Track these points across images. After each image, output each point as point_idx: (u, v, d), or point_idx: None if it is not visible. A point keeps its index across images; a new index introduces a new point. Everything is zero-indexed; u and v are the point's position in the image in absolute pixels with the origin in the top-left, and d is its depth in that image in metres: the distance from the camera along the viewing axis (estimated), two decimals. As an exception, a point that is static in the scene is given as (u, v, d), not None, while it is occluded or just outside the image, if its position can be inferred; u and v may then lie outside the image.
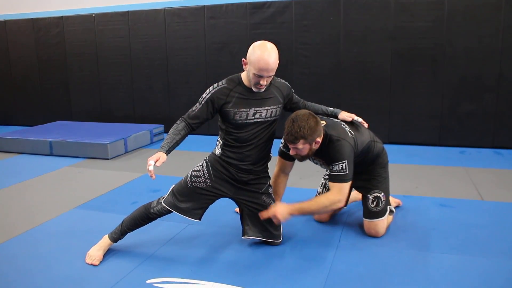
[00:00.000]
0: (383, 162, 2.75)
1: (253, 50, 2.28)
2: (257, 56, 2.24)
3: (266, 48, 2.26)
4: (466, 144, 5.12)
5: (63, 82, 6.96)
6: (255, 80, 2.30)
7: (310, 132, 2.32)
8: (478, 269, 2.30)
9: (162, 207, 2.50)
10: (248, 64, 2.32)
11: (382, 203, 2.67)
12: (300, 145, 2.37)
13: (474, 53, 4.91)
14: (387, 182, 2.74)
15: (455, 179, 3.90)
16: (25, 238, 2.85)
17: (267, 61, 2.23)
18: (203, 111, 2.40)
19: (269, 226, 2.57)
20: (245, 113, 2.38)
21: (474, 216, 3.03)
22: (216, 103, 2.38)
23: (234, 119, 2.39)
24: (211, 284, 2.22)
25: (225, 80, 2.43)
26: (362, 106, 5.39)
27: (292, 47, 5.56)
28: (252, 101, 2.39)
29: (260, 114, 2.41)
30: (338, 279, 2.25)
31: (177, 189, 2.52)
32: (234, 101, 2.37)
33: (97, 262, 2.46)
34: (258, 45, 2.29)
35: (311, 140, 2.36)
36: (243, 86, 2.40)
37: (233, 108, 2.37)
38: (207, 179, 2.50)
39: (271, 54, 2.26)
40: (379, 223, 2.68)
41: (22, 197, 3.71)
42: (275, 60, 2.28)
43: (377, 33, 5.21)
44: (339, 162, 2.40)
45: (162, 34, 6.21)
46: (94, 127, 5.91)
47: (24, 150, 5.32)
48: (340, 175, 2.40)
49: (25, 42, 7.06)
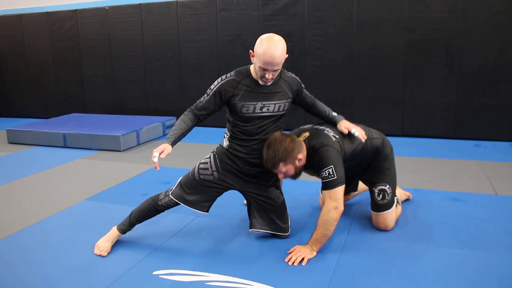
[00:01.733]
0: (385, 156, 2.67)
1: (260, 43, 2.25)
2: (263, 49, 2.20)
3: (272, 41, 2.22)
4: (482, 137, 5.02)
5: (77, 75, 7.03)
6: (260, 73, 2.27)
7: (286, 153, 2.28)
8: (489, 265, 2.25)
9: (169, 199, 2.50)
10: (254, 57, 2.29)
11: (388, 196, 2.63)
12: (283, 168, 2.34)
13: (490, 43, 4.80)
14: (392, 174, 2.69)
15: (469, 172, 3.83)
16: (36, 228, 2.89)
17: (272, 54, 2.19)
18: (211, 102, 2.39)
19: (276, 219, 2.56)
20: (253, 107, 2.36)
21: (487, 210, 2.97)
22: (223, 95, 2.36)
23: (241, 112, 2.37)
24: (217, 276, 2.22)
25: (234, 72, 2.41)
26: (375, 98, 5.33)
27: (304, 38, 5.51)
28: (260, 95, 2.36)
29: (268, 108, 2.39)
30: (345, 273, 2.23)
31: (184, 182, 2.53)
32: (242, 94, 2.35)
33: (105, 253, 2.48)
34: (265, 37, 2.25)
35: (292, 159, 2.32)
36: (251, 78, 2.37)
37: (241, 101, 2.35)
38: (215, 172, 2.49)
39: (277, 47, 2.21)
40: (387, 216, 2.65)
41: (35, 188, 3.76)
42: (281, 54, 2.23)
43: (390, 24, 5.13)
44: (325, 168, 2.34)
45: (174, 27, 6.21)
46: (107, 120, 5.96)
47: (39, 142, 5.40)
48: (329, 181, 2.33)
49: (40, 36, 7.14)
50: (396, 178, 2.73)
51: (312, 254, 2.38)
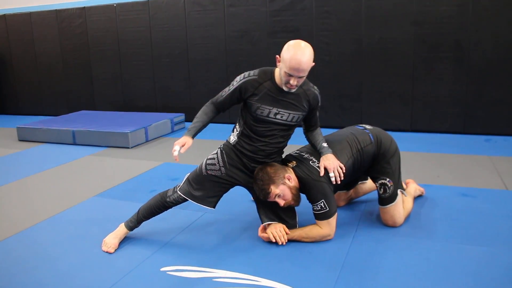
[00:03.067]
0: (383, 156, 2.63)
1: (287, 48, 2.24)
2: (290, 55, 2.20)
3: (300, 47, 2.22)
4: (492, 132, 4.97)
5: (86, 72, 7.07)
6: (285, 78, 2.27)
7: (272, 175, 2.37)
8: (499, 261, 2.23)
9: (178, 195, 2.52)
10: (281, 62, 2.27)
11: (389, 189, 2.61)
12: (276, 190, 2.38)
13: (501, 37, 4.74)
14: (391, 168, 2.64)
15: (479, 168, 3.79)
16: (46, 224, 2.92)
17: (299, 60, 2.19)
18: (232, 97, 2.44)
19: (283, 215, 2.56)
20: (267, 111, 2.37)
21: (497, 206, 2.93)
22: (243, 93, 2.39)
23: (256, 112, 2.38)
24: (224, 273, 2.22)
25: (258, 71, 2.41)
26: (384, 93, 5.30)
27: (312, 33, 5.48)
28: (278, 101, 2.37)
29: (282, 116, 2.40)
30: (353, 269, 2.22)
31: (192, 178, 2.54)
32: (261, 96, 2.36)
33: (112, 250, 2.50)
34: (292, 43, 2.25)
35: (280, 179, 2.39)
36: (274, 82, 2.37)
37: (258, 102, 2.37)
38: (222, 167, 2.50)
39: (304, 53, 2.20)
40: (392, 210, 2.63)
41: (45, 185, 3.79)
42: (308, 61, 2.22)
43: (399, 18, 5.08)
44: (318, 202, 2.43)
45: (182, 23, 6.22)
46: (115, 117, 5.99)
47: (48, 140, 5.44)
48: (322, 213, 2.44)
49: (49, 33, 7.19)
50: (399, 172, 2.68)
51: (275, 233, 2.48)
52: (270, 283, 2.12)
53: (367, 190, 3.10)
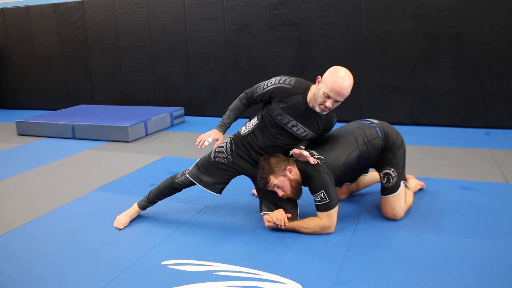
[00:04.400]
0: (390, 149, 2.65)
1: (331, 71, 2.30)
2: (334, 78, 2.25)
3: (346, 73, 2.29)
4: (492, 125, 4.96)
5: (85, 66, 7.04)
6: (322, 99, 2.29)
7: (273, 165, 2.42)
8: (499, 254, 2.23)
9: (185, 178, 2.65)
10: (321, 83, 2.31)
11: (393, 179, 2.62)
12: (275, 181, 2.42)
13: (502, 30, 4.72)
14: (397, 159, 2.66)
15: (479, 161, 3.79)
16: (46, 219, 2.91)
17: (341, 84, 2.24)
18: (264, 96, 2.50)
19: (282, 205, 2.58)
20: (287, 120, 2.44)
21: (497, 199, 2.93)
22: (272, 97, 2.46)
23: (276, 117, 2.46)
24: (225, 266, 2.22)
25: (294, 82, 2.45)
26: (384, 86, 5.28)
27: (312, 27, 5.46)
28: (300, 116, 2.43)
29: (297, 129, 2.47)
30: (354, 262, 2.22)
31: (201, 163, 2.65)
32: (287, 106, 2.42)
33: (121, 226, 2.68)
34: (338, 69, 2.30)
35: (281, 170, 2.42)
36: (304, 99, 2.40)
37: (282, 110, 2.43)
38: (229, 155, 2.59)
39: (348, 80, 2.27)
40: (394, 201, 2.62)
41: (44, 179, 3.79)
42: (349, 88, 2.28)
43: (399, 11, 5.06)
44: (317, 192, 2.44)
45: (181, 17, 6.18)
46: (115, 111, 5.97)
47: (48, 134, 5.43)
48: (323, 204, 2.45)
49: (47, 27, 7.15)
50: (403, 165, 2.70)
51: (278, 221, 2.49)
52: (271, 276, 2.12)
53: (368, 183, 3.09)
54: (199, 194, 2.98)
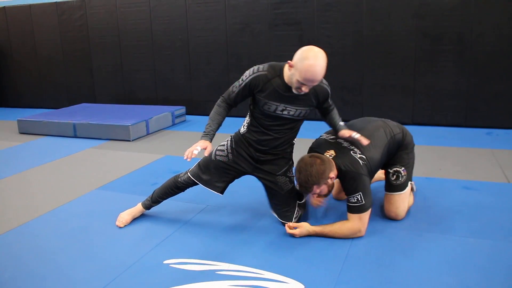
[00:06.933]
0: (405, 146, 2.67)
1: (301, 57, 2.18)
2: (306, 66, 2.14)
3: (317, 58, 2.16)
4: (494, 125, 4.95)
5: (87, 65, 7.04)
6: (298, 85, 2.24)
7: (319, 176, 2.31)
8: (501, 254, 2.23)
9: (187, 177, 2.65)
10: (293, 69, 2.22)
11: (402, 177, 2.61)
12: (317, 190, 2.38)
13: (504, 30, 4.71)
14: (409, 159, 2.68)
15: (481, 161, 3.79)
16: (47, 218, 2.92)
17: (314, 72, 2.16)
18: (243, 93, 2.44)
19: (280, 205, 2.61)
20: (274, 107, 2.39)
21: (499, 199, 2.93)
22: (253, 88, 2.40)
23: (263, 107, 2.41)
24: (227, 265, 2.23)
25: (267, 66, 2.39)
26: (385, 86, 5.28)
27: (313, 26, 5.45)
28: (285, 98, 2.37)
29: (289, 111, 2.41)
30: (356, 262, 2.22)
31: (202, 162, 2.66)
32: (268, 92, 2.36)
33: (121, 225, 2.71)
34: (309, 53, 2.17)
35: (324, 180, 2.34)
36: (282, 79, 2.35)
37: (265, 98, 2.38)
38: (230, 154, 2.59)
39: (321, 64, 2.16)
40: (399, 200, 2.62)
41: (46, 178, 3.79)
42: (323, 71, 2.19)
43: (401, 10, 5.05)
44: (354, 194, 2.39)
45: (183, 16, 6.18)
46: (116, 109, 5.97)
47: (49, 133, 5.43)
48: (357, 206, 2.40)
49: (49, 26, 7.15)
50: (413, 165, 2.71)
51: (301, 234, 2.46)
52: (273, 276, 2.12)
53: None
54: (201, 193, 2.98)
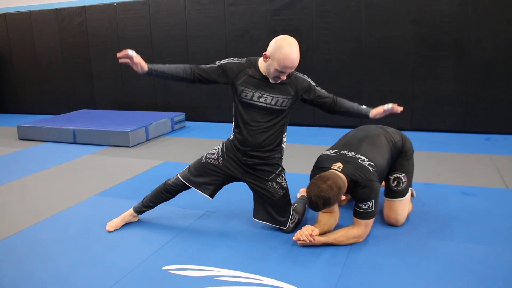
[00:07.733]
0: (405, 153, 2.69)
1: (277, 46, 2.28)
2: (283, 54, 2.25)
3: (291, 45, 2.28)
4: (492, 131, 4.97)
5: (86, 71, 7.07)
6: (276, 74, 2.34)
7: (335, 198, 2.25)
8: (500, 260, 2.24)
9: (177, 178, 2.68)
10: (270, 59, 2.32)
11: (402, 183, 2.63)
12: (329, 209, 2.45)
13: (501, 36, 4.74)
14: (409, 165, 2.70)
15: (479, 166, 3.80)
16: (47, 223, 2.92)
17: (292, 59, 2.27)
18: (214, 71, 2.50)
19: (273, 211, 2.61)
20: (251, 94, 2.45)
21: (497, 204, 2.94)
22: (228, 73, 2.47)
23: (241, 96, 2.47)
24: (226, 271, 2.23)
25: (245, 59, 2.52)
26: (384, 91, 5.30)
27: (312, 32, 5.48)
28: (260, 85, 2.44)
29: (265, 99, 2.44)
30: (355, 267, 2.23)
31: (192, 165, 2.71)
32: (244, 79, 2.45)
33: (111, 229, 2.73)
34: (284, 42, 2.28)
35: (337, 199, 2.29)
36: (258, 70, 2.45)
37: (241, 85, 2.46)
38: (220, 157, 2.63)
39: (296, 51, 2.29)
40: (399, 206, 2.63)
41: (46, 184, 3.79)
42: (298, 57, 2.31)
43: (399, 17, 5.08)
44: (367, 201, 2.39)
45: (182, 22, 6.21)
46: (116, 116, 5.99)
47: (49, 139, 5.44)
48: (367, 213, 2.41)
49: (49, 32, 7.18)
50: (413, 171, 2.73)
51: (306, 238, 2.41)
52: (272, 282, 2.12)
53: None
54: (199, 199, 2.98)
